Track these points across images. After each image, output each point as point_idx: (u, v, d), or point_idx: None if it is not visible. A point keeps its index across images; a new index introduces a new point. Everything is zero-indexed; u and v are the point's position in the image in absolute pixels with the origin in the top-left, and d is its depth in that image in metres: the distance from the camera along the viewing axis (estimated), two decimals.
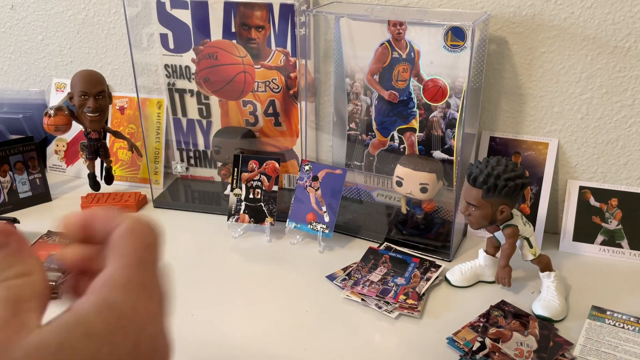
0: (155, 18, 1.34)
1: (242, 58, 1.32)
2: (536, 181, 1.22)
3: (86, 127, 1.34)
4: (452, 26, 1.10)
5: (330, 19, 1.27)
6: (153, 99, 1.45)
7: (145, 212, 1.39)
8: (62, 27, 1.53)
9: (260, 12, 1.27)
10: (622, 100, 1.15)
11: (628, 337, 0.95)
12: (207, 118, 1.43)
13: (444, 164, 1.22)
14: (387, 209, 1.36)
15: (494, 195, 0.98)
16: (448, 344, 0.94)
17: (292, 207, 1.26)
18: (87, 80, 1.30)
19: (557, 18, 1.13)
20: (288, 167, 1.42)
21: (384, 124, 1.28)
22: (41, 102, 1.62)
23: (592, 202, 1.21)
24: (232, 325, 1.00)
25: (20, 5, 1.54)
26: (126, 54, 1.50)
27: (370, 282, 1.08)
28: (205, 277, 1.13)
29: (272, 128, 1.39)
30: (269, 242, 1.26)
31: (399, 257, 1.16)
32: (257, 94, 1.36)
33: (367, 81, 1.25)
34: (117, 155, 1.51)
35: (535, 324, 0.98)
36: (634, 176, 1.20)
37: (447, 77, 1.16)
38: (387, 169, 1.31)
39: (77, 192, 1.47)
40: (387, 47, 1.20)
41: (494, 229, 1.06)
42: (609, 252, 1.19)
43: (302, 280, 1.12)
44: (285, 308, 1.04)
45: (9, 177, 1.40)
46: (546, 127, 1.22)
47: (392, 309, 1.02)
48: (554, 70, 1.17)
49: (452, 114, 1.19)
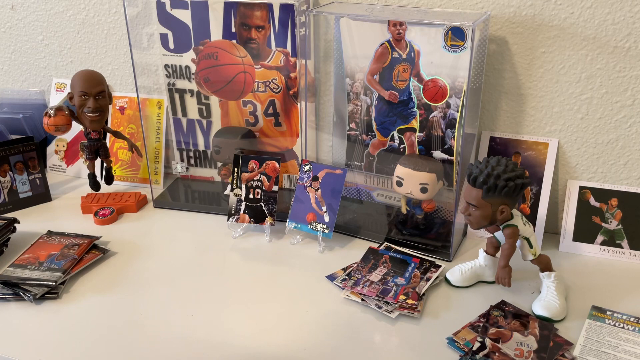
0: (155, 18, 1.34)
1: (242, 58, 1.32)
2: (536, 181, 1.22)
3: (86, 127, 1.34)
4: (452, 26, 1.10)
5: (330, 19, 1.27)
6: (153, 99, 1.45)
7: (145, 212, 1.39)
8: (62, 27, 1.53)
9: (260, 12, 1.27)
10: (622, 100, 1.15)
11: (628, 337, 0.95)
12: (207, 118, 1.43)
13: (444, 164, 1.22)
14: (387, 209, 1.36)
15: (494, 195, 0.98)
16: (448, 344, 0.94)
17: (292, 207, 1.26)
18: (87, 80, 1.30)
19: (557, 18, 1.13)
20: (288, 167, 1.42)
21: (384, 124, 1.28)
22: (41, 102, 1.62)
23: (592, 202, 1.21)
24: (232, 325, 1.00)
25: (20, 5, 1.54)
26: (126, 54, 1.50)
27: (370, 282, 1.08)
28: (205, 277, 1.13)
29: (272, 128, 1.39)
30: (269, 242, 1.26)
31: (399, 257, 1.16)
32: (257, 94, 1.36)
33: (367, 81, 1.25)
34: (117, 155, 1.51)
35: (535, 324, 0.98)
36: (634, 176, 1.20)
37: (447, 77, 1.16)
38: (387, 169, 1.31)
39: (77, 192, 1.47)
40: (387, 47, 1.20)
41: (494, 229, 1.06)
42: (609, 252, 1.19)
43: (302, 280, 1.12)
44: (285, 308, 1.04)
45: (9, 177, 1.40)
46: (546, 127, 1.22)
47: (392, 309, 1.02)
48: (554, 70, 1.17)
49: (452, 114, 1.19)
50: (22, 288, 1.07)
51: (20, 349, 0.94)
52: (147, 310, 1.03)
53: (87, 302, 1.06)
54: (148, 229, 1.32)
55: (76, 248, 1.18)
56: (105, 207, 1.35)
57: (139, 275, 1.14)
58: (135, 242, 1.26)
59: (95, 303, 1.06)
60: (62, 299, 1.07)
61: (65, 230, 1.27)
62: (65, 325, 1.00)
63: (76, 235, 1.23)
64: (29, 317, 1.02)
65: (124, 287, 1.10)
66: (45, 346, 0.95)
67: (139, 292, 1.09)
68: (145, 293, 1.08)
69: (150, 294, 1.08)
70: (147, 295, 1.08)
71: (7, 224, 1.22)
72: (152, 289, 1.10)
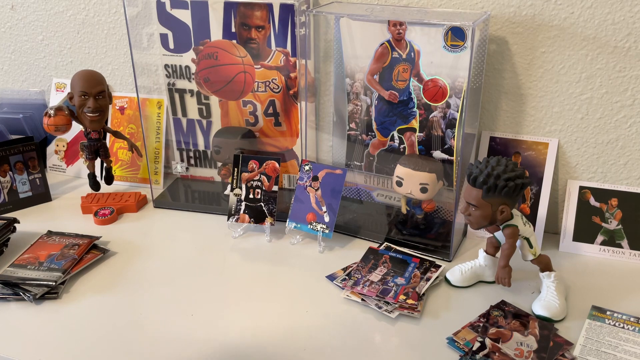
0: (155, 18, 1.34)
1: (242, 58, 1.32)
2: (536, 181, 1.22)
3: (86, 127, 1.34)
4: (452, 26, 1.10)
5: (330, 19, 1.27)
6: (153, 99, 1.45)
7: (145, 212, 1.39)
8: (62, 27, 1.53)
9: (260, 12, 1.27)
10: (622, 100, 1.15)
11: (628, 337, 0.95)
12: (207, 118, 1.43)
13: (444, 164, 1.22)
14: (387, 209, 1.36)
15: (494, 195, 0.98)
16: (448, 344, 0.94)
17: (292, 207, 1.26)
18: (87, 80, 1.30)
19: (557, 18, 1.13)
20: (288, 167, 1.42)
21: (384, 124, 1.28)
22: (41, 102, 1.62)
23: (592, 202, 1.21)
24: (232, 325, 1.00)
25: (20, 5, 1.54)
26: (126, 54, 1.50)
27: (370, 282, 1.08)
28: (205, 277, 1.13)
29: (272, 128, 1.39)
30: (269, 242, 1.26)
31: (399, 257, 1.16)
32: (257, 94, 1.36)
33: (367, 81, 1.25)
34: (117, 155, 1.51)
35: (535, 324, 0.98)
36: (634, 176, 1.20)
37: (447, 77, 1.16)
38: (387, 169, 1.31)
39: (77, 192, 1.47)
40: (387, 47, 1.20)
41: (494, 229, 1.06)
42: (609, 252, 1.19)
43: (302, 280, 1.12)
44: (285, 308, 1.04)
45: (9, 177, 1.40)
46: (546, 127, 1.22)
47: (392, 309, 1.02)
48: (554, 70, 1.17)
49: (452, 114, 1.19)
50: (22, 288, 1.07)
51: (20, 349, 0.94)
52: (147, 310, 1.03)
53: (87, 302, 1.06)
54: (148, 229, 1.32)
55: (76, 248, 1.18)
56: (105, 207, 1.35)
57: (139, 275, 1.14)
58: (135, 242, 1.26)
59: (95, 303, 1.06)
60: (62, 299, 1.07)
61: (65, 230, 1.27)
62: (65, 325, 1.00)
63: (76, 235, 1.23)
64: (29, 317, 1.02)
65: (124, 287, 1.10)
66: (45, 346, 0.95)
67: (139, 292, 1.09)
68: (145, 293, 1.08)
69: (150, 294, 1.08)
70: (147, 295, 1.08)
71: (7, 224, 1.22)
72: (152, 289, 1.10)
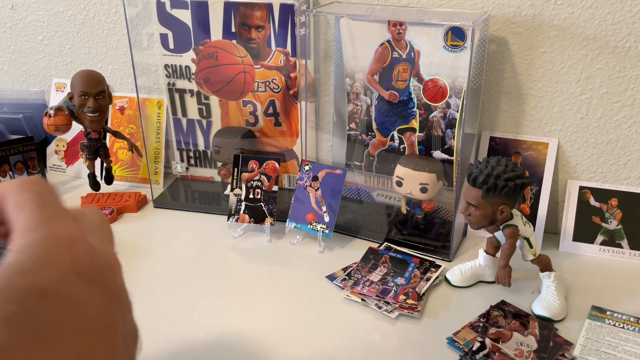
0: (155, 18, 1.34)
1: (242, 58, 1.32)
2: (536, 181, 1.22)
3: (86, 127, 1.34)
4: (452, 26, 1.10)
5: (330, 19, 1.27)
6: (153, 99, 1.45)
7: (145, 212, 1.39)
8: (62, 27, 1.53)
9: (260, 12, 1.27)
10: (622, 100, 1.15)
11: (628, 337, 0.95)
12: (207, 118, 1.43)
13: (444, 164, 1.22)
14: (387, 209, 1.36)
15: (494, 195, 0.98)
16: (448, 344, 0.94)
17: (292, 207, 1.26)
18: (87, 80, 1.29)
19: (557, 18, 1.13)
20: (288, 167, 1.42)
21: (384, 124, 1.28)
22: (41, 102, 1.62)
23: (592, 202, 1.21)
24: (232, 325, 1.00)
25: (20, 5, 1.54)
26: (126, 54, 1.50)
27: (370, 282, 1.08)
28: (205, 278, 1.13)
29: (272, 128, 1.39)
30: (269, 242, 1.26)
31: (399, 257, 1.16)
32: (257, 94, 1.36)
33: (367, 81, 1.25)
34: (117, 155, 1.51)
35: (535, 324, 0.98)
36: (634, 176, 1.20)
37: (447, 77, 1.16)
38: (387, 169, 1.31)
39: (77, 192, 1.47)
40: (387, 47, 1.20)
41: (494, 229, 1.06)
42: (609, 252, 1.19)
43: (302, 280, 1.12)
44: (285, 308, 1.04)
45: (9, 177, 1.40)
46: (546, 127, 1.22)
47: (392, 309, 1.02)
48: (554, 70, 1.17)
49: (452, 114, 1.19)
50: None
51: None
52: (147, 310, 1.03)
53: None
54: (148, 229, 1.32)
55: None
56: (105, 207, 1.35)
57: (139, 275, 1.14)
58: (135, 242, 1.26)
59: None
60: None
61: None
62: None
63: None
64: None
65: None
66: None
67: (139, 292, 1.09)
68: (145, 293, 1.08)
69: (150, 294, 1.08)
70: (147, 295, 1.08)
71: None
72: (152, 288, 1.10)
